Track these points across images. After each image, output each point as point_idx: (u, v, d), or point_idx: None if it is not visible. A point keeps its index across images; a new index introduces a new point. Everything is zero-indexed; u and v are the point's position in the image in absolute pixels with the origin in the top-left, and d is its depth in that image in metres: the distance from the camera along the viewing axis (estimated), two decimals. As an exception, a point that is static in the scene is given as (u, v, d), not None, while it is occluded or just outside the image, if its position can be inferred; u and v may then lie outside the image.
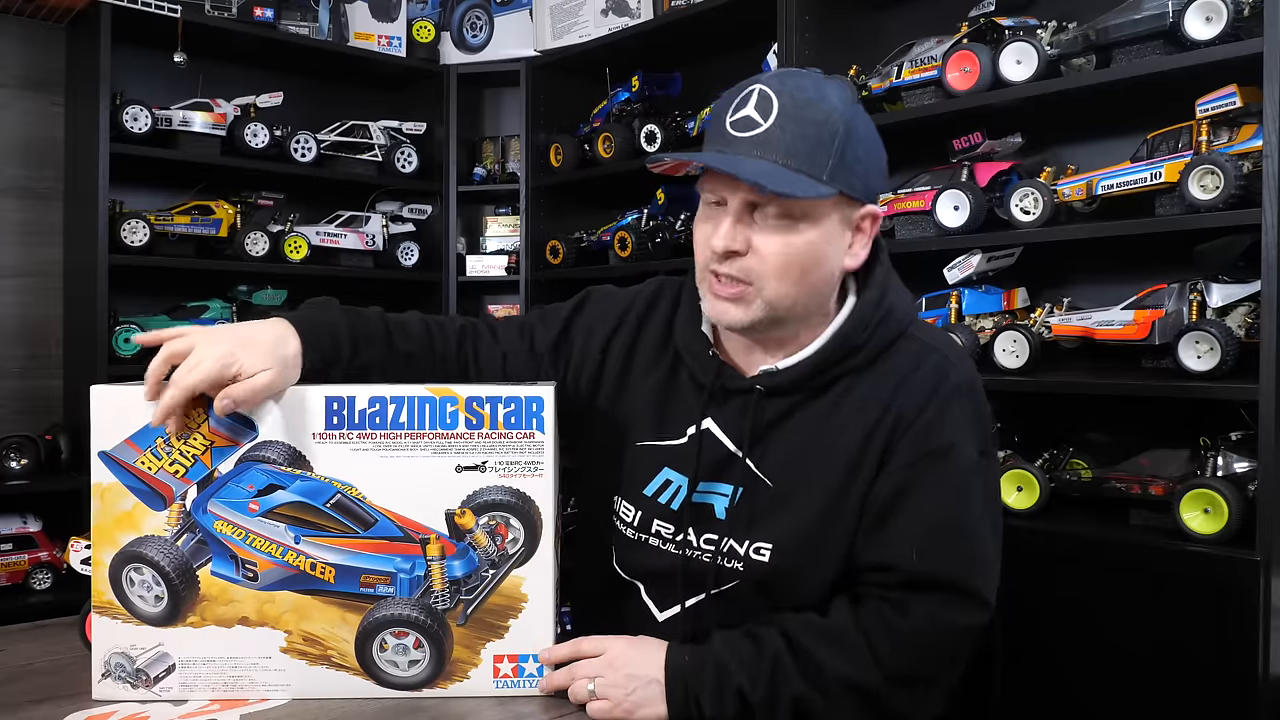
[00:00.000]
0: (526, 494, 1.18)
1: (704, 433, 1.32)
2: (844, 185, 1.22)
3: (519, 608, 1.19)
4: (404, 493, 1.17)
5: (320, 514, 1.17)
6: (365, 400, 1.17)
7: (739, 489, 1.29)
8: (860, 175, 1.24)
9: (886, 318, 1.28)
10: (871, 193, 1.28)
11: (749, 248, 1.22)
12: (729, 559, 1.29)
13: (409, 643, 1.17)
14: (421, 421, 1.17)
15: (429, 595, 1.18)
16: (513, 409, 1.17)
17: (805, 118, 1.20)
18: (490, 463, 1.17)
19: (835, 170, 1.21)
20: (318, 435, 1.17)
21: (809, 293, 1.26)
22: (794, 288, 1.23)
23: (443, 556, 1.17)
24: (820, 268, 1.25)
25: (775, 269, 1.22)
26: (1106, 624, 2.04)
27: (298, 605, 1.17)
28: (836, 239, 1.25)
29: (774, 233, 1.22)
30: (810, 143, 1.20)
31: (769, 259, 1.22)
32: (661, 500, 1.34)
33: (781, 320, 1.27)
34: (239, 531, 1.17)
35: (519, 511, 1.18)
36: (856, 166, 1.24)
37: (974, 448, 1.26)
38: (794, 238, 1.22)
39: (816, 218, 1.22)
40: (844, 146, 1.22)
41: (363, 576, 1.17)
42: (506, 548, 1.18)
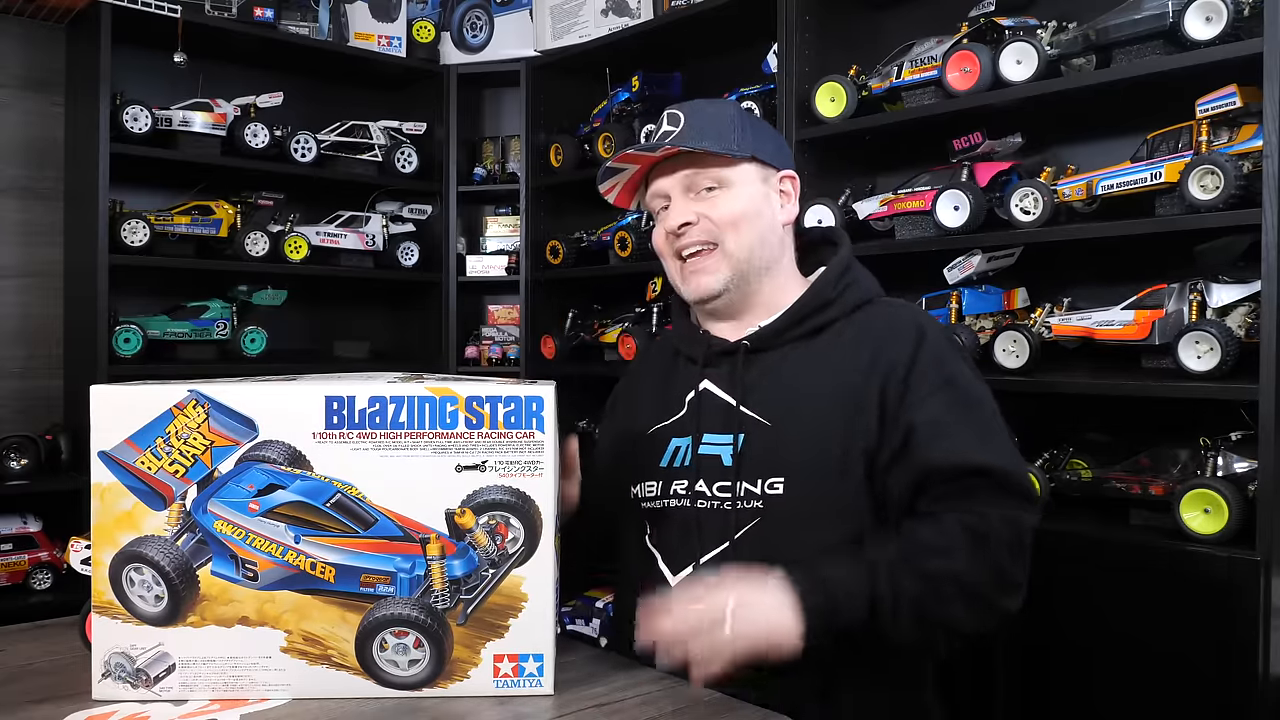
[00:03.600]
0: (526, 494, 1.18)
1: (702, 393, 1.50)
2: (755, 151, 1.49)
3: (519, 607, 1.19)
4: (404, 492, 1.17)
5: (320, 513, 1.16)
6: (365, 400, 1.16)
7: (740, 435, 1.43)
8: (767, 147, 1.53)
9: (852, 284, 1.50)
10: (783, 162, 1.56)
11: (698, 218, 1.47)
12: (746, 500, 1.40)
13: (409, 642, 1.17)
14: (421, 421, 1.17)
15: (429, 595, 1.17)
16: (513, 409, 1.17)
17: (706, 112, 1.51)
18: (490, 462, 1.17)
19: (743, 142, 1.48)
20: (317, 435, 1.16)
21: (761, 242, 1.49)
22: (747, 236, 1.47)
23: (443, 556, 1.17)
24: (761, 219, 1.49)
25: (726, 222, 1.47)
26: (1107, 624, 2.04)
27: (298, 605, 1.17)
28: (766, 198, 1.51)
29: (713, 200, 1.47)
30: (716, 124, 1.48)
31: (716, 217, 1.47)
32: (675, 465, 1.47)
33: (748, 279, 1.49)
34: (239, 531, 1.16)
35: (519, 511, 1.18)
36: (762, 139, 1.52)
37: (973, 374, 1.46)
38: (730, 198, 1.47)
39: (742, 181, 1.48)
40: (744, 125, 1.50)
41: (363, 576, 1.17)
42: (506, 547, 1.18)
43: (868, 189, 2.75)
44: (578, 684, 1.24)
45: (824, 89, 2.62)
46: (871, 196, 2.63)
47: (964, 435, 1.37)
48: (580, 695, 1.21)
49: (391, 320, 3.99)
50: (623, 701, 1.19)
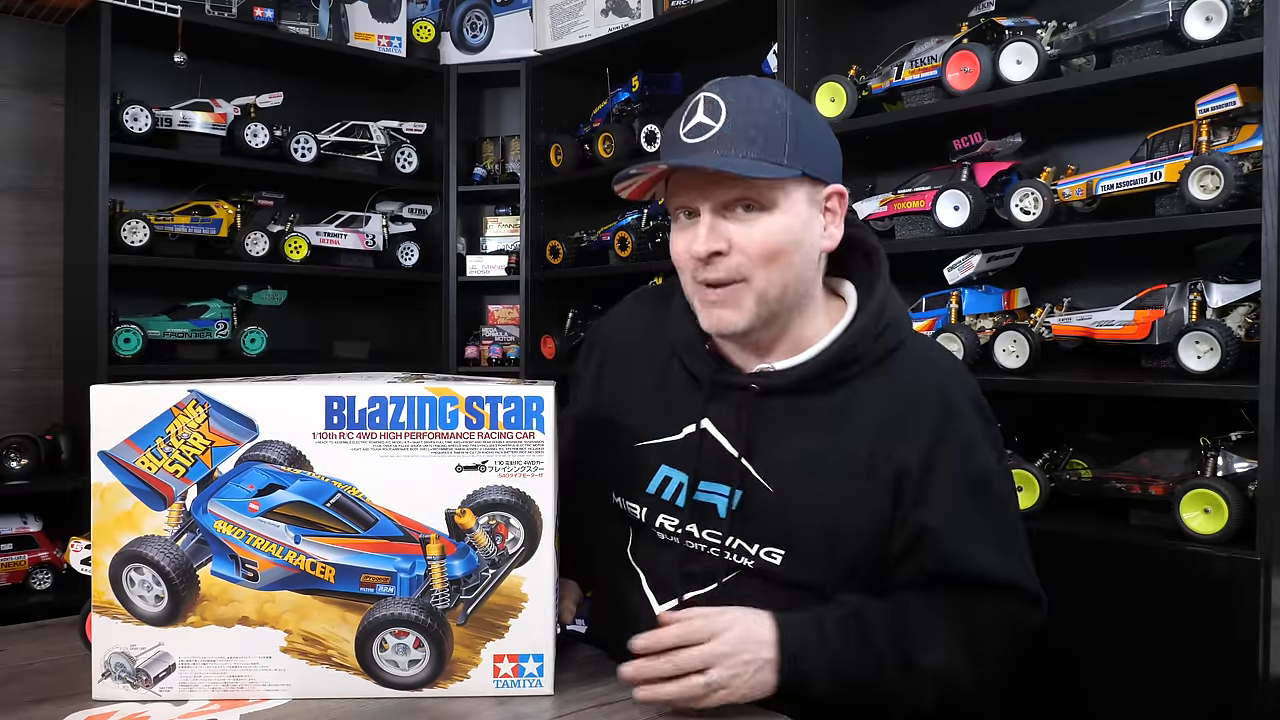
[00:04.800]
0: (526, 494, 1.17)
1: (703, 432, 1.34)
2: (805, 166, 1.26)
3: (519, 607, 1.18)
4: (404, 492, 1.17)
5: (320, 514, 1.16)
6: (365, 400, 1.16)
7: (737, 490, 1.31)
8: (818, 156, 1.28)
9: (887, 329, 1.32)
10: (832, 173, 1.31)
11: (730, 246, 1.26)
12: (738, 555, 1.31)
13: (409, 642, 1.17)
14: (421, 421, 1.17)
15: (429, 595, 1.17)
16: (513, 409, 1.17)
17: (754, 109, 1.26)
18: (490, 462, 1.17)
19: (793, 153, 1.25)
20: (318, 435, 1.16)
21: (795, 278, 1.29)
22: (780, 274, 1.27)
23: (443, 556, 1.17)
24: (800, 250, 1.28)
25: (759, 258, 1.25)
26: (1106, 624, 2.04)
27: (298, 605, 1.17)
28: (810, 221, 1.29)
29: (750, 225, 1.25)
30: (764, 131, 1.24)
31: (751, 249, 1.25)
32: (665, 497, 1.36)
33: (774, 314, 1.30)
34: (239, 531, 1.17)
35: (519, 511, 1.18)
36: (813, 148, 1.28)
37: (994, 455, 1.34)
38: (771, 224, 1.25)
39: (786, 203, 1.26)
40: (796, 131, 1.26)
41: (363, 576, 1.17)
42: (506, 547, 1.18)
43: (868, 189, 2.75)
44: (578, 683, 1.24)
45: (824, 89, 2.62)
46: (871, 196, 2.63)
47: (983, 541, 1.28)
48: (580, 695, 1.21)
49: (391, 320, 3.99)
50: (623, 701, 1.19)
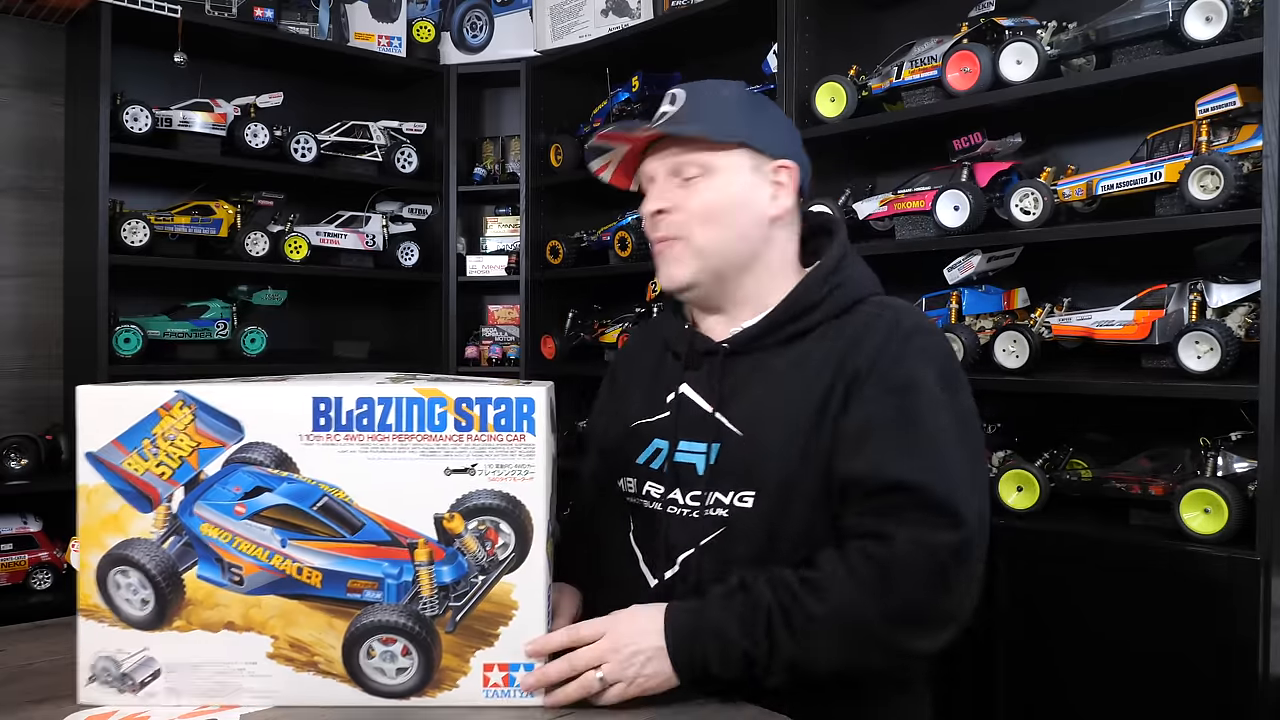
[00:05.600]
0: (517, 498, 1.15)
1: (681, 397, 1.44)
2: (746, 138, 1.41)
3: (509, 615, 1.16)
4: (392, 496, 1.15)
5: (307, 517, 1.15)
6: (353, 401, 1.15)
7: (715, 444, 1.38)
8: (765, 133, 1.44)
9: (842, 284, 1.41)
10: (781, 150, 1.45)
11: (674, 206, 1.41)
12: (714, 508, 1.36)
13: (397, 650, 1.15)
14: (410, 423, 1.15)
15: (417, 601, 1.15)
16: (503, 410, 1.14)
17: (705, 97, 1.43)
18: (480, 466, 1.15)
19: (738, 126, 1.41)
20: (304, 437, 1.14)
21: (737, 238, 1.41)
22: (720, 231, 1.40)
23: (431, 562, 1.15)
24: (742, 212, 1.41)
25: (698, 215, 1.40)
26: (1107, 624, 2.03)
27: (284, 610, 1.15)
28: (754, 188, 1.42)
29: (692, 188, 1.40)
30: (713, 107, 1.42)
31: (691, 208, 1.40)
32: (654, 466, 1.44)
33: (722, 274, 1.42)
34: (225, 534, 1.15)
35: (509, 516, 1.15)
36: (760, 126, 1.44)
37: (935, 380, 1.32)
38: (710, 187, 1.40)
39: (728, 170, 1.40)
40: (745, 110, 1.44)
41: (350, 581, 1.15)
42: (496, 553, 1.15)
43: (868, 189, 2.74)
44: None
45: (824, 89, 2.62)
46: (871, 196, 2.62)
47: (891, 443, 1.27)
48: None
49: (391, 320, 3.99)
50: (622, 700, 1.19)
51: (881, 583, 1.20)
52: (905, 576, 1.20)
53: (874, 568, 1.21)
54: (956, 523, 1.22)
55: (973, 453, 1.32)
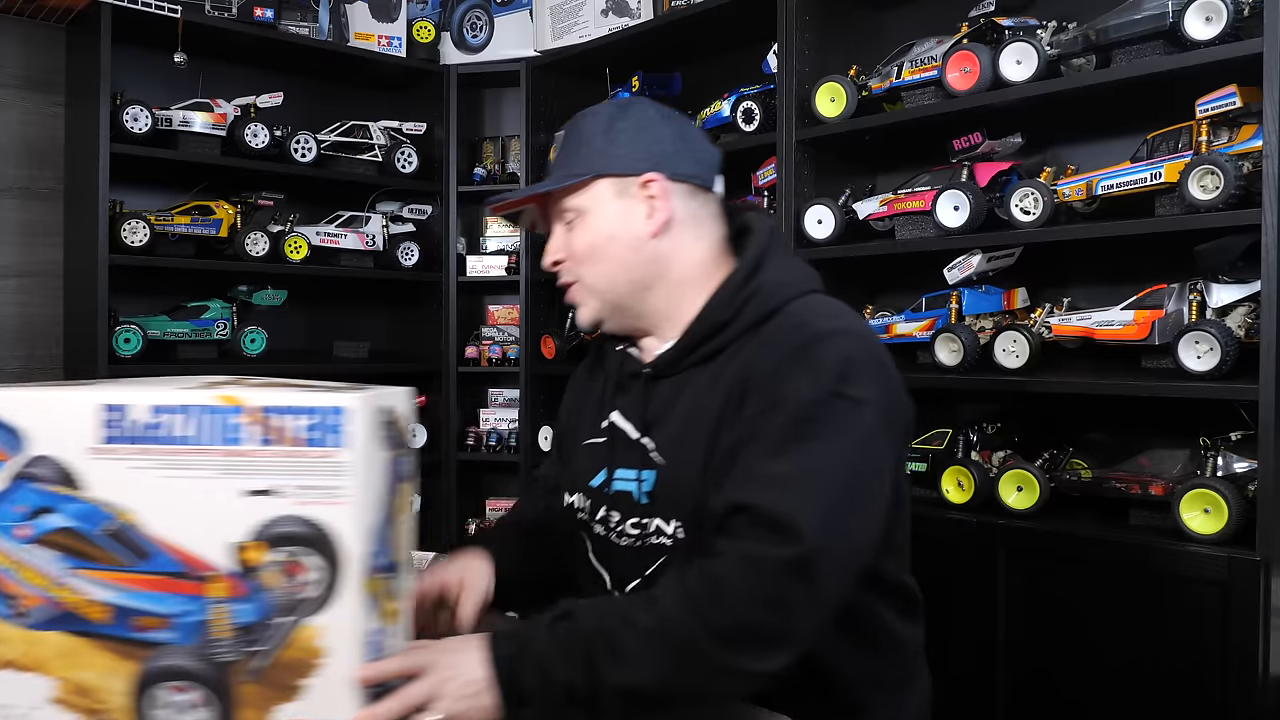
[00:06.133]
0: (325, 525, 0.98)
1: (612, 425, 1.43)
2: (602, 168, 1.38)
3: (315, 664, 0.99)
4: (186, 521, 0.98)
5: (92, 543, 0.99)
6: (146, 410, 0.99)
7: (647, 472, 1.35)
8: (625, 155, 1.39)
9: (755, 293, 1.34)
10: (644, 164, 1.38)
11: (563, 252, 1.42)
12: (656, 536, 1.33)
13: (189, 699, 0.99)
14: (207, 435, 0.98)
15: (212, 644, 0.99)
16: (311, 422, 0.98)
17: (570, 137, 1.43)
18: (283, 486, 0.98)
19: (590, 159, 1.39)
20: (93, 450, 0.99)
21: (619, 268, 1.39)
22: (604, 267, 1.39)
23: (228, 598, 0.99)
24: (614, 243, 1.38)
25: (581, 258, 1.40)
26: (1106, 624, 2.04)
27: (68, 649, 1.00)
28: (625, 214, 1.38)
29: (575, 231, 1.40)
30: (568, 149, 1.42)
31: (574, 253, 1.40)
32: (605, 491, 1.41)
33: (622, 304, 1.41)
34: (6, 560, 1.01)
35: (318, 546, 0.98)
36: (619, 148, 1.39)
37: (813, 392, 1.21)
38: (583, 227, 1.39)
39: (594, 205, 1.39)
40: (596, 137, 1.40)
41: (137, 618, 0.99)
42: (302, 590, 0.99)
43: (868, 189, 2.75)
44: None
45: (824, 89, 2.62)
46: (871, 196, 2.63)
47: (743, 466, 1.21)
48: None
49: (391, 320, 3.99)
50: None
51: (710, 600, 1.12)
52: (734, 593, 1.12)
53: (704, 585, 1.13)
54: (792, 539, 1.12)
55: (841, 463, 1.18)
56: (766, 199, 2.86)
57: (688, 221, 1.40)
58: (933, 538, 2.29)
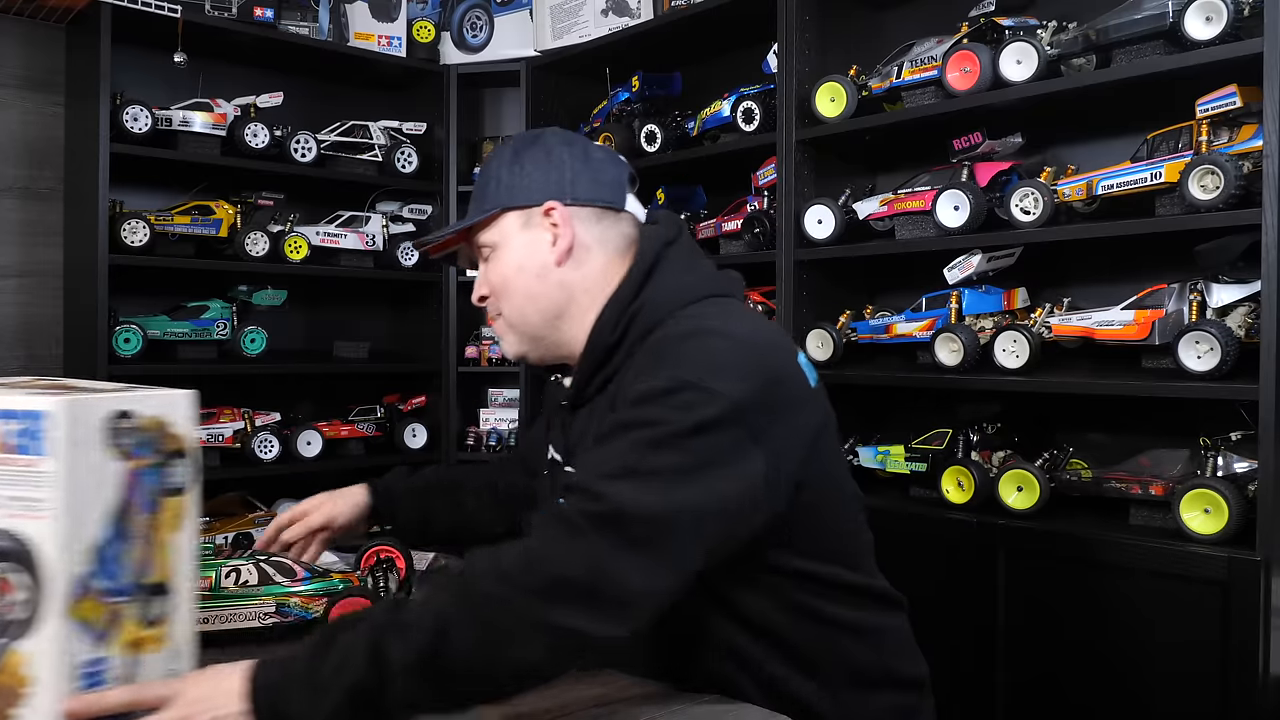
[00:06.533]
0: (27, 540, 0.89)
1: (550, 460, 1.47)
2: (503, 201, 1.40)
3: (22, 693, 0.90)
4: None
5: None
6: None
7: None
8: (525, 186, 1.40)
9: (640, 310, 1.32)
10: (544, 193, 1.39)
11: (485, 288, 1.43)
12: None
13: None
14: None
15: None
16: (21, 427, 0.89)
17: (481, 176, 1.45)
18: None
19: (496, 194, 1.40)
20: None
21: (528, 299, 1.39)
22: (518, 299, 1.40)
23: None
24: (522, 274, 1.39)
25: (499, 292, 1.41)
26: (1106, 623, 2.04)
27: None
28: (530, 244, 1.39)
29: (491, 267, 1.42)
30: (479, 186, 1.44)
31: (493, 288, 1.42)
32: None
33: (540, 336, 1.41)
34: None
35: (25, 562, 0.89)
36: (519, 180, 1.40)
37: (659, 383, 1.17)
38: (496, 262, 1.41)
39: (502, 239, 1.40)
40: (502, 171, 1.41)
41: None
42: (10, 610, 0.91)
43: (868, 189, 2.75)
44: (578, 685, 1.24)
45: (824, 89, 2.62)
46: (871, 196, 2.63)
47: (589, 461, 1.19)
48: (580, 696, 1.20)
49: (391, 320, 3.99)
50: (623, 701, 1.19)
51: (520, 563, 1.08)
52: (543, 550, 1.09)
53: (513, 552, 1.10)
54: (597, 497, 1.09)
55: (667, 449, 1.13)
56: (766, 199, 2.86)
57: (593, 246, 1.38)
58: (933, 538, 2.30)
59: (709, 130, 3.03)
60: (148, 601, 0.97)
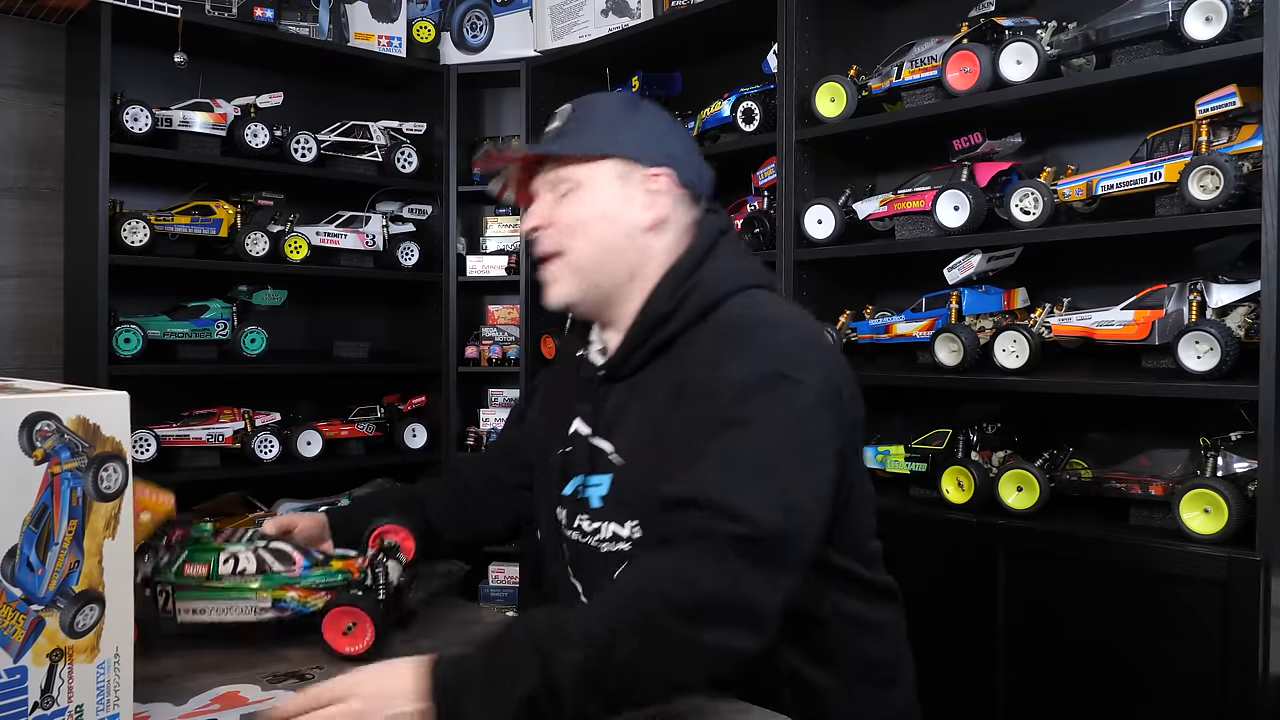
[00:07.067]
0: None
1: (574, 433, 1.42)
2: (615, 149, 1.39)
3: None
4: None
5: None
6: None
7: (604, 476, 1.35)
8: (639, 143, 1.40)
9: (696, 286, 1.34)
10: (655, 158, 1.40)
11: (549, 223, 1.40)
12: (614, 542, 1.33)
13: None
14: None
15: None
16: None
17: (582, 112, 1.43)
18: None
19: (605, 139, 1.39)
20: None
21: (607, 250, 1.38)
22: (593, 247, 1.38)
23: None
24: (612, 224, 1.38)
25: (569, 229, 1.38)
26: (1106, 624, 2.04)
27: None
28: (623, 199, 1.38)
29: (563, 203, 1.39)
30: (583, 126, 1.41)
31: (563, 222, 1.39)
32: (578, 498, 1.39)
33: (602, 289, 1.39)
34: None
35: None
36: (634, 137, 1.41)
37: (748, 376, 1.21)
38: (580, 199, 1.38)
39: (595, 182, 1.38)
40: (617, 120, 1.42)
41: None
42: None
43: (868, 189, 2.75)
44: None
45: (824, 89, 2.62)
46: (871, 196, 2.63)
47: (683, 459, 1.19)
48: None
49: (391, 320, 3.99)
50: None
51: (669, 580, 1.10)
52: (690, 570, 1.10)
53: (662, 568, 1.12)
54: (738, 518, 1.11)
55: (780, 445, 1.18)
56: (766, 199, 2.86)
57: (674, 227, 1.40)
58: (933, 538, 2.30)
59: (709, 130, 3.03)
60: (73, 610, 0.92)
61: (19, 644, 0.88)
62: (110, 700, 0.96)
